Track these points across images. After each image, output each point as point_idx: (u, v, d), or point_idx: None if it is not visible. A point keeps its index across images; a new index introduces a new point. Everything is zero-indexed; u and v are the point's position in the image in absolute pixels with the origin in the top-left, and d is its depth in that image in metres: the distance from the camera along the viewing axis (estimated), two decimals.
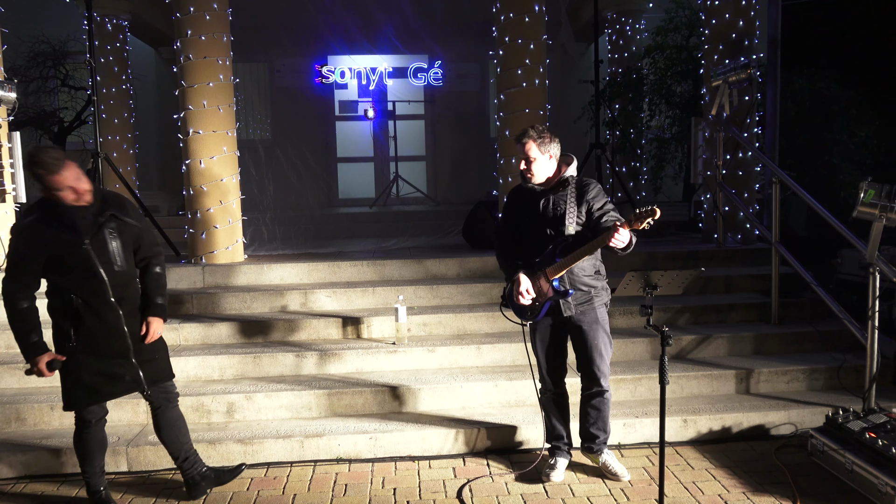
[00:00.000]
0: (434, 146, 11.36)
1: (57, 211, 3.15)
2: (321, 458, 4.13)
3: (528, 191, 3.65)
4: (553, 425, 3.89)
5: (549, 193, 3.60)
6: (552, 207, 3.58)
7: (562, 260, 3.48)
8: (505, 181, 6.32)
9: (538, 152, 3.57)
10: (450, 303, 5.52)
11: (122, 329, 3.31)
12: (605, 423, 3.83)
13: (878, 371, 4.27)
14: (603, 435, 3.85)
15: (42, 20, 8.89)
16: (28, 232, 3.16)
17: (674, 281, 3.01)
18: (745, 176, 6.49)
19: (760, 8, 6.60)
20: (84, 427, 3.43)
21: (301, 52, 10.60)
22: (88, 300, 3.23)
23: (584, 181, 3.63)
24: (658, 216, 3.05)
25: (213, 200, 5.91)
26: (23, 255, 3.19)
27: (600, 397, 3.76)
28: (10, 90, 5.57)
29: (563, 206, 3.56)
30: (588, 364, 3.69)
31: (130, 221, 3.36)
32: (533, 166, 3.58)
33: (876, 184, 3.99)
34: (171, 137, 7.02)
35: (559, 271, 3.50)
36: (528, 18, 6.15)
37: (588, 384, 3.76)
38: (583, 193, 3.56)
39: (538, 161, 3.57)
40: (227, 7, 6.02)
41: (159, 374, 3.50)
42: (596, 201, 3.55)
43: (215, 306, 5.41)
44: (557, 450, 3.91)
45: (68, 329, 3.25)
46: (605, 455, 3.86)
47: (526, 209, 3.66)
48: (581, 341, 3.68)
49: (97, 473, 3.54)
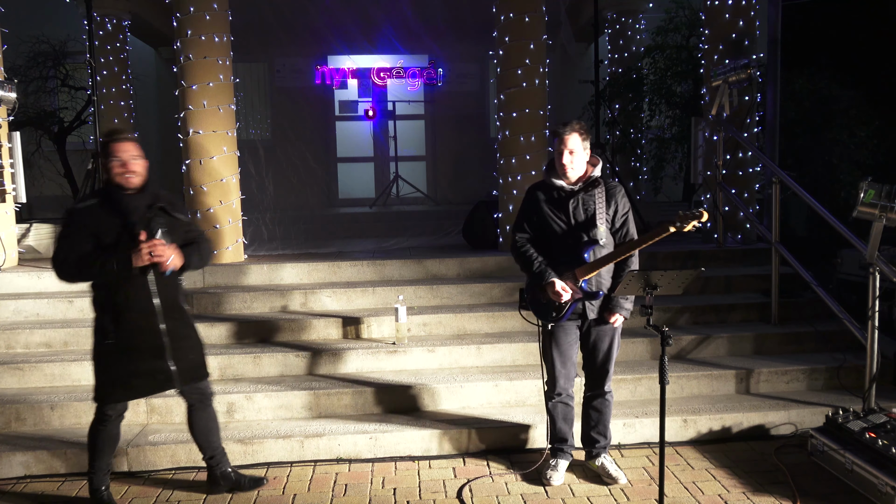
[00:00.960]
0: (434, 146, 11.35)
1: (112, 197, 3.27)
2: (321, 458, 4.13)
3: (557, 188, 3.52)
4: (559, 429, 3.83)
5: (579, 193, 3.50)
6: (582, 208, 3.49)
7: (593, 261, 3.41)
8: (505, 181, 6.32)
9: (580, 145, 3.44)
10: (450, 303, 5.52)
11: (159, 327, 3.35)
12: (606, 427, 3.80)
13: (878, 371, 4.27)
14: (603, 440, 3.82)
15: (42, 20, 8.89)
16: (79, 214, 3.28)
17: (674, 281, 3.00)
18: (745, 176, 6.49)
19: (760, 8, 6.60)
20: (103, 421, 3.45)
21: (301, 52, 10.60)
22: (129, 295, 3.28)
23: (611, 183, 3.57)
24: (706, 219, 3.01)
25: (213, 200, 5.91)
26: (69, 233, 3.26)
27: (602, 398, 3.74)
28: (10, 90, 5.57)
29: (592, 206, 3.48)
30: (597, 368, 3.67)
31: (180, 217, 3.46)
32: (575, 159, 3.44)
33: (876, 184, 4.00)
34: (171, 137, 7.02)
35: (590, 272, 3.41)
36: (528, 18, 6.15)
37: (592, 385, 3.75)
38: (611, 196, 3.51)
39: (578, 155, 3.44)
40: (227, 7, 6.02)
41: (194, 373, 3.52)
42: (622, 206, 3.53)
43: (215, 306, 5.41)
44: (560, 451, 3.87)
45: (109, 325, 3.29)
46: (604, 459, 3.82)
47: (553, 207, 3.53)
48: (596, 345, 3.64)
49: (102, 470, 3.55)
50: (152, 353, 3.35)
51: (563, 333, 3.65)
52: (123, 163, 3.25)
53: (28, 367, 4.65)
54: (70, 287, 5.61)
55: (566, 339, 3.65)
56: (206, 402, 3.62)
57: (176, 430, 4.24)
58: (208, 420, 3.64)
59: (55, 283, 5.62)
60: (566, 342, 3.65)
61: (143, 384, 3.41)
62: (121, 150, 3.26)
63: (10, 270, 5.71)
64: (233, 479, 3.73)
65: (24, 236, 6.53)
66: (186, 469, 4.05)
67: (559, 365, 3.68)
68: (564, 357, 3.68)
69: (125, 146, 3.27)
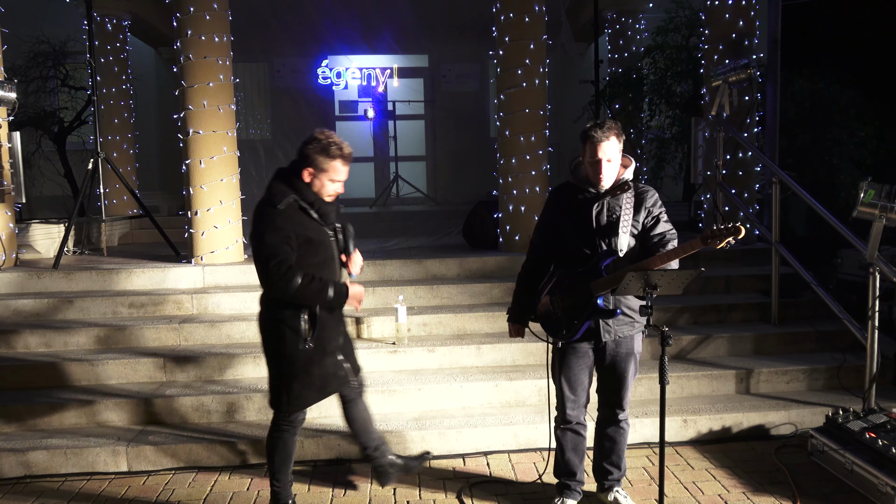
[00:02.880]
0: (434, 146, 11.36)
1: (307, 199, 3.16)
2: (321, 457, 4.13)
3: (582, 191, 3.19)
4: (566, 460, 3.44)
5: (605, 197, 3.14)
6: (607, 212, 3.13)
7: (611, 275, 3.03)
8: (505, 181, 6.32)
9: (618, 150, 3.08)
10: (450, 303, 5.52)
11: (345, 327, 3.45)
12: (620, 458, 3.45)
13: (878, 371, 4.27)
14: (617, 472, 3.47)
15: (42, 20, 8.88)
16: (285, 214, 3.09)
17: (674, 281, 2.99)
18: (745, 176, 6.49)
19: (760, 8, 6.60)
20: (289, 428, 3.33)
21: (301, 52, 10.60)
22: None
23: (642, 187, 3.21)
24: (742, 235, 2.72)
25: (213, 200, 5.91)
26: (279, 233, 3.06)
27: (617, 426, 3.38)
28: (10, 90, 5.57)
29: (618, 212, 3.12)
30: (613, 394, 3.33)
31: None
32: (612, 167, 3.08)
33: (876, 184, 4.00)
34: (171, 137, 7.01)
35: (607, 287, 3.04)
36: (528, 18, 6.15)
37: (606, 411, 3.40)
38: (641, 201, 3.14)
39: (615, 161, 3.09)
40: (227, 7, 6.02)
41: (357, 367, 3.55)
42: (655, 209, 3.16)
43: (216, 306, 5.41)
44: (567, 488, 3.48)
45: (307, 331, 3.18)
46: (616, 493, 3.48)
47: (574, 210, 3.18)
48: (612, 370, 3.27)
49: (289, 483, 3.44)
50: (336, 352, 3.35)
51: (574, 356, 3.27)
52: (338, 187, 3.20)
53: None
54: (73, 288, 5.60)
55: (577, 362, 3.27)
56: (362, 393, 3.62)
57: (175, 430, 4.24)
58: (365, 409, 3.61)
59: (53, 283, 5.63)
60: (577, 366, 3.27)
61: (331, 385, 3.35)
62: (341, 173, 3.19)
63: (9, 270, 5.71)
64: (401, 464, 3.69)
65: (23, 236, 6.54)
66: (187, 469, 4.05)
67: (568, 391, 3.31)
68: (574, 383, 3.30)
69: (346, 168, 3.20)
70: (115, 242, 7.88)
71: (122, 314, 5.34)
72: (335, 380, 3.35)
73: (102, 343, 5.00)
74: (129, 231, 8.14)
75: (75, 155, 8.81)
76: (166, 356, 4.74)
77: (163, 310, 5.40)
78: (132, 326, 5.03)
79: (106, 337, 5.01)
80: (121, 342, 5.01)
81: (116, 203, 8.45)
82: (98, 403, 4.35)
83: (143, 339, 5.02)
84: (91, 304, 5.34)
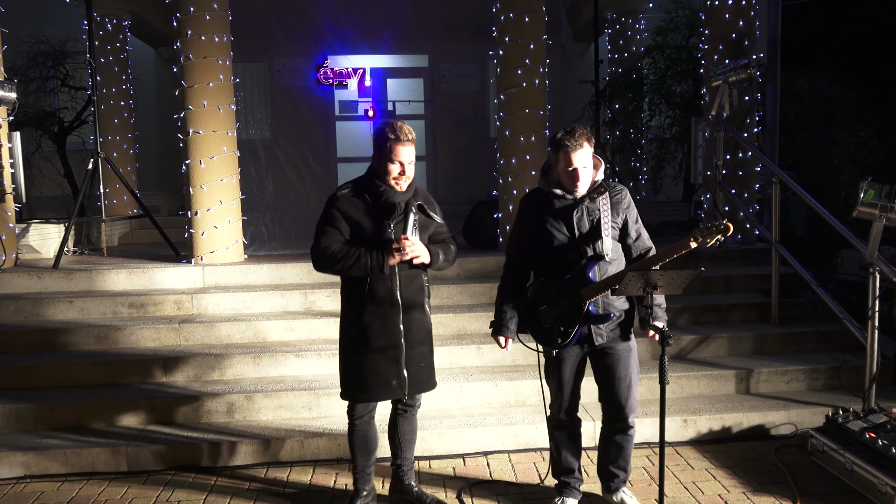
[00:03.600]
0: (434, 146, 11.35)
1: (371, 188, 3.19)
2: (321, 457, 4.13)
3: (558, 197, 3.15)
4: (563, 458, 3.45)
5: (583, 202, 3.13)
6: (587, 217, 3.12)
7: (600, 281, 3.04)
8: (505, 181, 6.32)
9: (590, 155, 3.06)
10: (450, 303, 5.52)
11: (399, 326, 3.22)
12: (627, 461, 3.41)
13: (878, 371, 4.27)
14: (623, 474, 3.43)
15: (42, 20, 8.88)
16: (339, 201, 3.21)
17: (674, 281, 2.99)
18: (745, 176, 6.49)
19: (760, 8, 6.61)
20: (355, 420, 3.36)
21: (301, 52, 10.59)
22: (375, 289, 3.19)
23: (615, 187, 3.21)
24: (731, 232, 2.75)
25: (213, 200, 5.91)
26: (330, 217, 3.21)
27: (624, 434, 3.33)
28: (10, 90, 5.58)
29: (597, 215, 3.11)
30: (616, 398, 3.26)
31: (434, 217, 3.35)
32: (586, 174, 3.06)
33: (876, 184, 4.00)
34: (171, 137, 7.02)
35: (596, 293, 3.05)
36: (528, 18, 6.15)
37: (612, 418, 3.33)
38: (617, 202, 3.16)
39: (588, 167, 3.07)
40: (227, 7, 6.02)
41: (424, 384, 3.37)
42: (631, 213, 3.18)
43: (216, 306, 5.41)
44: (566, 486, 3.49)
45: (353, 320, 3.24)
46: (623, 494, 3.46)
47: (553, 219, 3.15)
48: (610, 373, 3.24)
49: (366, 473, 3.45)
50: (389, 353, 3.22)
51: (567, 359, 3.27)
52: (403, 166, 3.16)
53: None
54: (72, 288, 5.61)
55: (570, 364, 3.28)
56: (414, 412, 3.49)
57: (175, 430, 4.24)
58: (412, 431, 3.52)
59: (55, 282, 5.64)
60: (571, 368, 3.28)
61: (379, 388, 3.25)
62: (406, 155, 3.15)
63: (9, 270, 5.71)
64: (414, 494, 3.56)
65: (23, 236, 6.54)
66: (187, 469, 4.05)
67: (562, 393, 3.33)
68: (567, 384, 3.31)
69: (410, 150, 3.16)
70: (115, 242, 7.89)
71: (121, 314, 5.34)
72: (382, 384, 3.24)
73: (102, 343, 5.00)
74: (129, 231, 8.15)
75: (75, 155, 8.82)
76: (166, 356, 4.74)
77: (163, 310, 5.40)
78: (132, 326, 5.03)
79: (106, 337, 5.00)
80: (121, 342, 5.01)
81: (116, 203, 8.45)
82: (98, 403, 4.35)
83: (143, 339, 5.02)
84: (91, 303, 5.34)
